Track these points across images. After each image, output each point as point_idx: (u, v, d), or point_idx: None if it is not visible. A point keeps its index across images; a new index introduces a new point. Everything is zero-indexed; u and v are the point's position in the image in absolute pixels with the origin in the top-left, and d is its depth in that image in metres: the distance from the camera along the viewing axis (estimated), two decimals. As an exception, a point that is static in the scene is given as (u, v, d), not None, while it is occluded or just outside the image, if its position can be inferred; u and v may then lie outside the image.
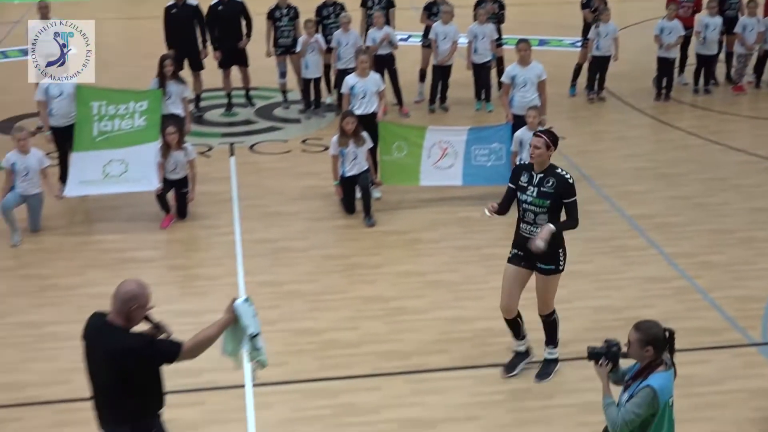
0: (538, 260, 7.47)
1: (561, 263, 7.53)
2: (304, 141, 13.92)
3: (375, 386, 7.99)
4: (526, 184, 7.42)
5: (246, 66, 14.84)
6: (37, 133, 12.55)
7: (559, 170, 7.39)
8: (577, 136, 14.00)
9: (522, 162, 11.33)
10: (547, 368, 8.07)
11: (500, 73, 13.89)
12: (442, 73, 14.90)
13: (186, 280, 10.01)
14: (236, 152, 13.48)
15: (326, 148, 12.49)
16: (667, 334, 5.46)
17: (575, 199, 7.34)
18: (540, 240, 7.18)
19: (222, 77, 14.91)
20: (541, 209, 7.33)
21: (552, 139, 7.36)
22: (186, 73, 13.78)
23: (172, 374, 5.82)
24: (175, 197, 11.23)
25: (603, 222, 11.15)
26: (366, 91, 11.83)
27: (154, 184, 11.06)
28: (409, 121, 13.71)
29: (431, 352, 8.49)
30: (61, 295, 9.61)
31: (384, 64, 14.45)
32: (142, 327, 5.69)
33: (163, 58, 12.27)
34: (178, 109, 12.12)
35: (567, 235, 7.50)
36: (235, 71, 14.84)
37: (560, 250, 7.49)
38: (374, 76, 12.08)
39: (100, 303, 9.17)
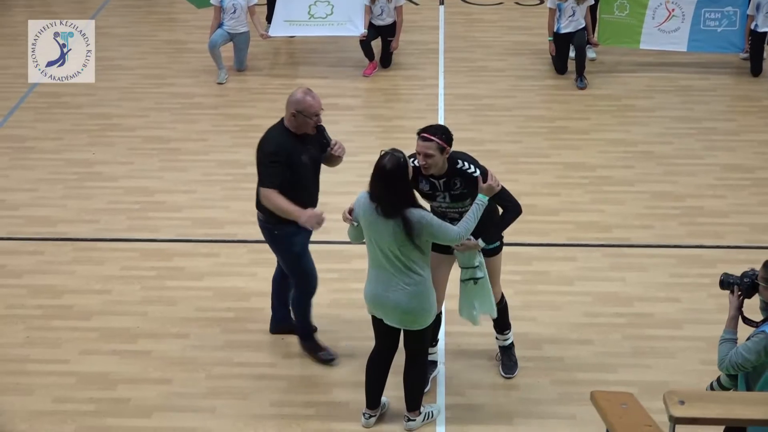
0: (482, 240, 6.08)
1: (502, 235, 6.33)
2: (518, -7, 13.52)
3: (570, 256, 7.83)
4: (430, 192, 6.03)
5: None
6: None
7: (460, 165, 5.92)
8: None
9: (755, 27, 10.61)
10: (510, 357, 6.68)
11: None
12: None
13: (385, 131, 10.03)
14: (446, 1, 13.22)
15: (542, 2, 12.10)
16: None
17: (501, 188, 5.91)
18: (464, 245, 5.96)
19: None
20: (465, 208, 5.95)
21: (446, 138, 5.83)
22: None
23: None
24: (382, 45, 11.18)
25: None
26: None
27: (360, 29, 11.03)
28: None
29: (634, 227, 8.22)
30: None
31: None
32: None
33: None
34: (389, -47, 11.93)
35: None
36: None
37: None
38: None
39: (298, 147, 9.41)
